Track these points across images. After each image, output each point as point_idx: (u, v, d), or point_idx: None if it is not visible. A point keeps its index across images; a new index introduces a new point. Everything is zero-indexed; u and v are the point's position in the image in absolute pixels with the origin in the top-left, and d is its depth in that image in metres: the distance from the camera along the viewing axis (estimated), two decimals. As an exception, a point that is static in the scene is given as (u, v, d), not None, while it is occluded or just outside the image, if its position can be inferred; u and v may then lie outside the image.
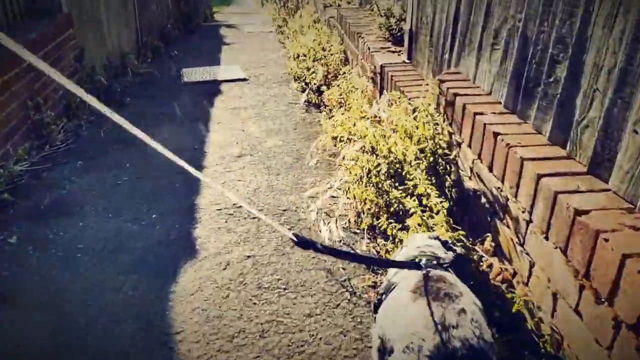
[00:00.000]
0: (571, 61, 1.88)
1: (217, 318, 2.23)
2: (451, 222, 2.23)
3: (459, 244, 1.96)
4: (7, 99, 3.57)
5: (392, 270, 1.76)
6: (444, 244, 1.76)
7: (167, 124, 4.61)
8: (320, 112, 4.78)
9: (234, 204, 3.16)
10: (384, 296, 1.58)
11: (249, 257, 2.65)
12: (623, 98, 1.62)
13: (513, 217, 1.97)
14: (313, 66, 5.38)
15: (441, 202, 2.22)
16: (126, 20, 6.41)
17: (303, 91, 5.39)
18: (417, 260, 1.57)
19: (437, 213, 2.17)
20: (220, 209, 3.12)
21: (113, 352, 2.07)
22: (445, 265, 1.57)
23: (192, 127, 4.59)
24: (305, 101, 5.01)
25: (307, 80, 5.40)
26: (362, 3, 5.82)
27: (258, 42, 8.56)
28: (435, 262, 1.57)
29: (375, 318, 1.59)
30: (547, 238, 1.74)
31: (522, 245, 1.91)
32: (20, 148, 3.63)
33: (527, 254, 1.86)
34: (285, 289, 2.41)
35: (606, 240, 1.42)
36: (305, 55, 5.73)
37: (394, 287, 1.55)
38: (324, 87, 5.07)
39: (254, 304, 2.32)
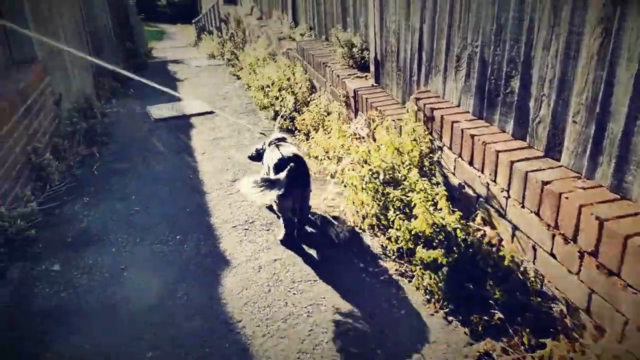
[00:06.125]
0: (522, 76, 2.54)
1: (266, 307, 2.67)
2: (450, 206, 2.79)
3: None
4: (12, 144, 3.84)
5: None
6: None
7: (155, 158, 4.93)
8: (295, 136, 5.29)
9: (246, 220, 3.60)
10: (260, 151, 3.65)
11: (275, 260, 3.10)
12: (563, 99, 2.28)
13: (495, 195, 2.58)
14: (280, 95, 5.91)
15: (438, 191, 2.80)
16: (84, 63, 6.61)
17: (273, 119, 5.88)
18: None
19: (440, 199, 2.74)
20: (235, 226, 3.54)
21: (192, 343, 2.45)
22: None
23: (179, 158, 4.95)
24: (279, 128, 5.51)
25: (277, 109, 5.91)
26: (317, 35, 6.47)
27: (210, 76, 8.94)
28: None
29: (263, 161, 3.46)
30: (523, 206, 2.35)
31: (504, 215, 2.52)
32: (25, 190, 3.88)
33: (509, 220, 2.47)
34: (315, 280, 2.89)
35: (567, 198, 2.04)
36: (270, 86, 6.25)
37: (263, 150, 3.57)
38: (294, 114, 5.61)
39: (293, 294, 2.78)
